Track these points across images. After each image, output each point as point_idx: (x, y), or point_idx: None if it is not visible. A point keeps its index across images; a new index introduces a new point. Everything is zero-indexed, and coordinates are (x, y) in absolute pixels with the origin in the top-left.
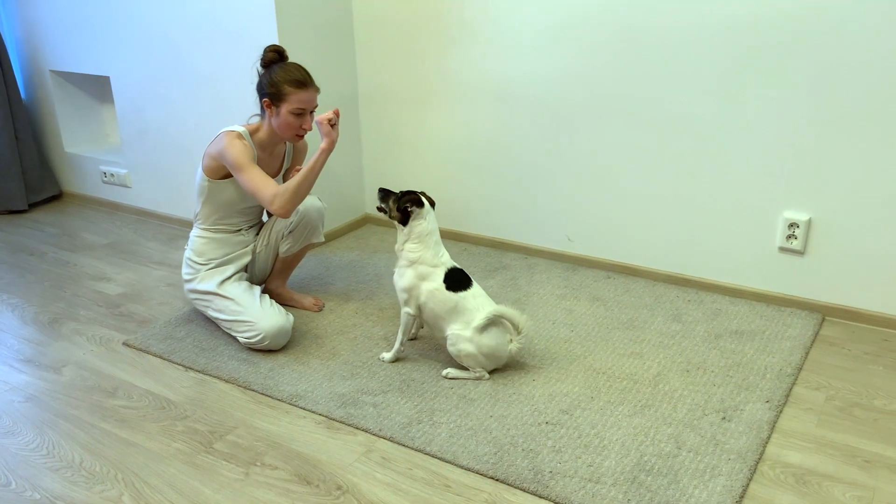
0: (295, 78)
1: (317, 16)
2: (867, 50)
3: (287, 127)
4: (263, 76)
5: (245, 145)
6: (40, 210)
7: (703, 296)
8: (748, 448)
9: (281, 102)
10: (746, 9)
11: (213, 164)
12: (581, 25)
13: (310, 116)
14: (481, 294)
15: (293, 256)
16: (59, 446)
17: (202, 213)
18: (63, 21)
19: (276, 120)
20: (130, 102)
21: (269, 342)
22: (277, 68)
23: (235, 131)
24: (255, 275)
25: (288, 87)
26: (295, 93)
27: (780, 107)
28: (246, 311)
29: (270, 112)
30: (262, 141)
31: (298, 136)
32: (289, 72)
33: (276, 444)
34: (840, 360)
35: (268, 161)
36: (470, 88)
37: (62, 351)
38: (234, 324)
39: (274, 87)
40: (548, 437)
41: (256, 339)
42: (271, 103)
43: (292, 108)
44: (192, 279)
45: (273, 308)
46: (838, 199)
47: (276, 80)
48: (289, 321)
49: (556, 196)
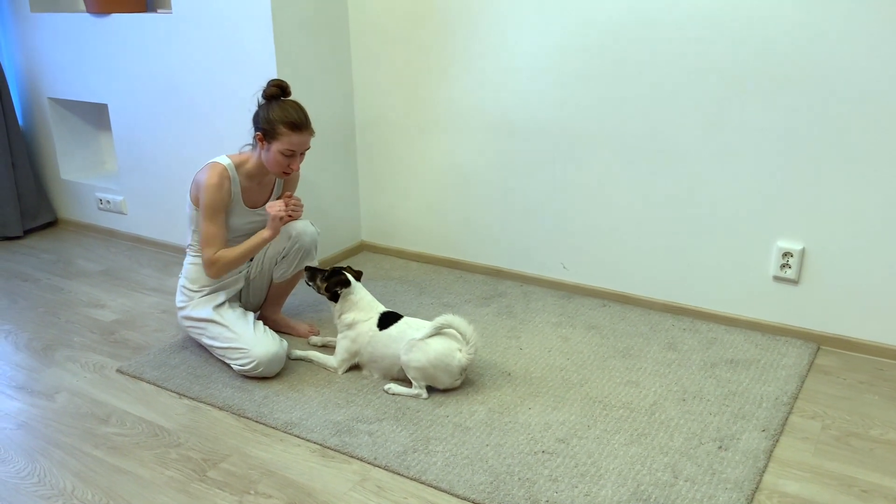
0: (291, 120)
1: (315, 45)
2: (859, 80)
3: (275, 164)
4: (261, 109)
5: (220, 191)
6: (35, 236)
7: (698, 324)
8: (745, 477)
9: (273, 140)
10: (740, 42)
11: (195, 193)
12: (577, 57)
13: (300, 157)
14: (417, 321)
15: (287, 282)
16: (50, 474)
17: (194, 239)
18: (62, 49)
19: (265, 155)
20: (127, 130)
21: (263, 369)
22: (276, 105)
23: (221, 166)
24: (249, 302)
25: (283, 128)
26: (288, 135)
27: (774, 137)
28: (239, 337)
29: (262, 146)
30: (250, 172)
31: (286, 174)
32: (287, 112)
33: (270, 472)
34: (835, 389)
35: (257, 191)
36: (466, 117)
37: (55, 377)
38: (227, 351)
39: (269, 125)
40: (544, 466)
41: (250, 366)
42: (263, 138)
43: (283, 148)
44: (185, 306)
45: (267, 335)
46: (832, 229)
47: (273, 118)
48: (283, 347)
49: (551, 224)
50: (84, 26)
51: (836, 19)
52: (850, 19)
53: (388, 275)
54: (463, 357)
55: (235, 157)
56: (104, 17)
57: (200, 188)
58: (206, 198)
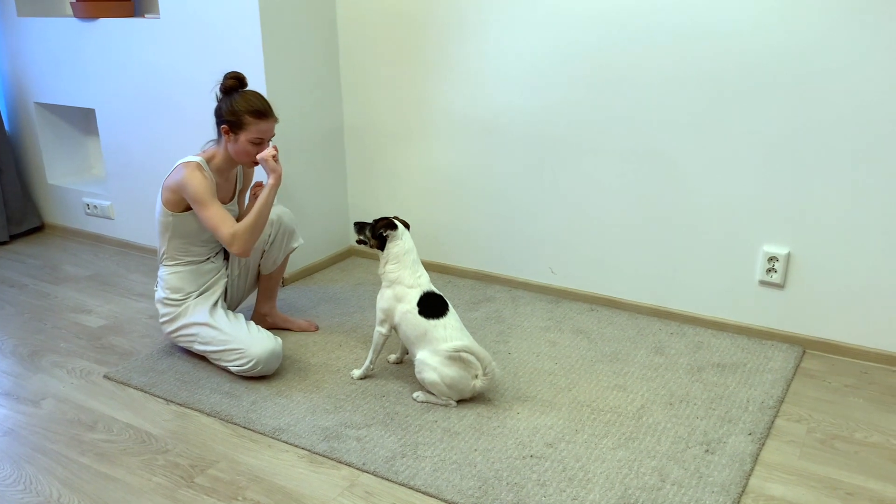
0: (255, 108)
1: (304, 51)
2: (844, 85)
3: (244, 154)
4: (223, 102)
5: (205, 178)
6: (22, 241)
7: (685, 328)
8: (731, 481)
9: (240, 131)
10: (725, 50)
11: (173, 196)
12: (564, 62)
13: (266, 145)
14: (454, 325)
15: (277, 271)
16: (36, 481)
17: (169, 248)
18: (49, 54)
19: (232, 146)
20: (115, 135)
21: (263, 367)
22: (238, 96)
23: (194, 162)
24: (233, 300)
25: (248, 117)
26: (255, 123)
27: (759, 142)
28: (233, 339)
29: (228, 139)
30: (219, 167)
31: (255, 163)
32: (249, 101)
33: (258, 478)
34: (821, 392)
35: (224, 186)
36: (454, 122)
37: (41, 384)
38: (223, 353)
39: (234, 116)
40: (532, 471)
41: (249, 365)
42: (230, 130)
43: (251, 137)
44: (172, 317)
45: (261, 333)
46: (817, 234)
47: (237, 108)
48: (278, 344)
49: (539, 229)
50: (71, 31)
51: (821, 28)
52: (834, 28)
53: (378, 280)
54: (479, 384)
55: (202, 155)
56: (92, 22)
57: (182, 184)
58: (195, 187)
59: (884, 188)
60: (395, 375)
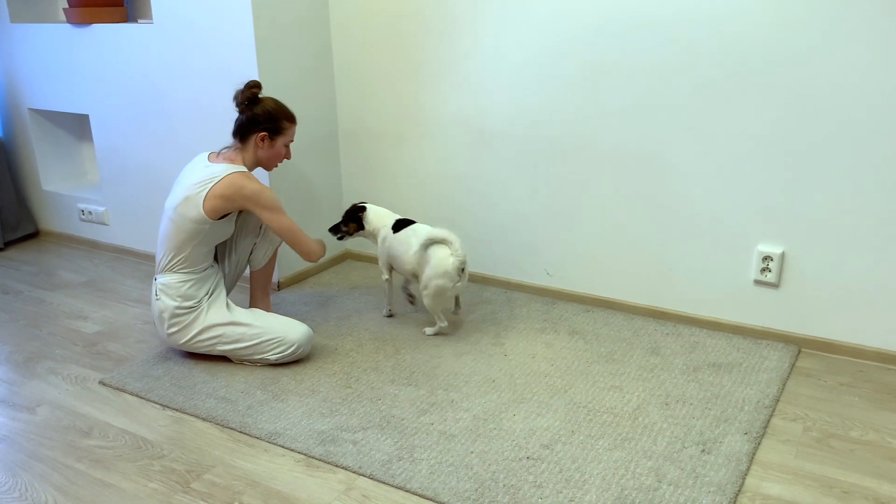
0: (289, 113)
1: (297, 55)
2: (837, 84)
3: (277, 158)
4: (257, 110)
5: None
6: (17, 248)
7: (680, 329)
8: (728, 480)
9: (278, 136)
10: (721, 50)
11: (222, 205)
12: (556, 63)
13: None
14: (425, 227)
15: (267, 265)
16: (32, 488)
17: (190, 256)
18: (42, 60)
19: (265, 152)
20: (109, 141)
21: (303, 349)
22: (270, 103)
23: (243, 171)
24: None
25: (286, 122)
26: (290, 127)
27: (753, 141)
28: (267, 330)
29: (262, 145)
30: None
31: (278, 165)
32: (281, 107)
33: (254, 482)
34: (816, 391)
35: None
36: (449, 125)
37: (36, 390)
38: (259, 346)
39: (273, 122)
40: (529, 473)
41: (290, 350)
42: (269, 136)
43: (287, 140)
44: (186, 325)
45: (289, 319)
46: (811, 233)
47: (275, 115)
48: (309, 328)
49: (534, 230)
50: (65, 37)
51: (817, 29)
52: (830, 30)
53: (374, 283)
54: (454, 259)
55: (225, 161)
56: (85, 28)
57: (249, 195)
58: (268, 195)
59: (877, 187)
60: (390, 379)
